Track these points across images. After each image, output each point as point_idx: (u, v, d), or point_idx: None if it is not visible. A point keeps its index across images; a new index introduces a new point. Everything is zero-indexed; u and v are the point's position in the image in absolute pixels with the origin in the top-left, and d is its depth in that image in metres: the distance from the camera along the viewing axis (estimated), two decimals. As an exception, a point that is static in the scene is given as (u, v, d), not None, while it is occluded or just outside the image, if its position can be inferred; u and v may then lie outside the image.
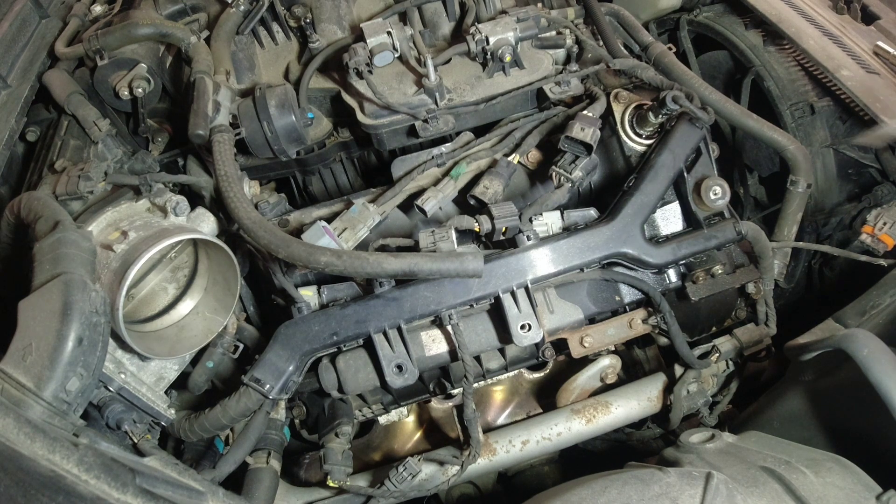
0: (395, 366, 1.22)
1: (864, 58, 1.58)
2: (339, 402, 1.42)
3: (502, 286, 1.22)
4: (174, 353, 1.24)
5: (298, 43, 1.64)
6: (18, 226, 1.19)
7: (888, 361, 0.93)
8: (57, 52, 1.60)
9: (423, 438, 1.63)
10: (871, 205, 1.50)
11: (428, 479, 1.40)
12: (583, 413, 1.46)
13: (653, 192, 1.24)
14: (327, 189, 1.71)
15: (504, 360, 1.39)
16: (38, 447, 0.74)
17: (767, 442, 1.15)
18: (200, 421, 1.24)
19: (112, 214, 1.26)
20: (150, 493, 0.78)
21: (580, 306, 1.30)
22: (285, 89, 1.41)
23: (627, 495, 0.91)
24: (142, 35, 1.50)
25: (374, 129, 1.43)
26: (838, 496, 0.92)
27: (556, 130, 1.40)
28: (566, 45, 1.52)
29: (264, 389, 1.21)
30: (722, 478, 0.92)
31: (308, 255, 1.10)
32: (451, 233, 1.19)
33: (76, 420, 0.93)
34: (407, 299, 1.22)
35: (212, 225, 1.35)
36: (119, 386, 1.13)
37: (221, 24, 1.56)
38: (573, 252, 1.23)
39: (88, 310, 0.97)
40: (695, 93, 1.33)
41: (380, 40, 1.40)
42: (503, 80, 1.45)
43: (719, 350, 1.41)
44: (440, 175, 1.39)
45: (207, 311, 1.29)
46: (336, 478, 1.32)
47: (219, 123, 1.35)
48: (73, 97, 1.46)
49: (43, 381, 0.89)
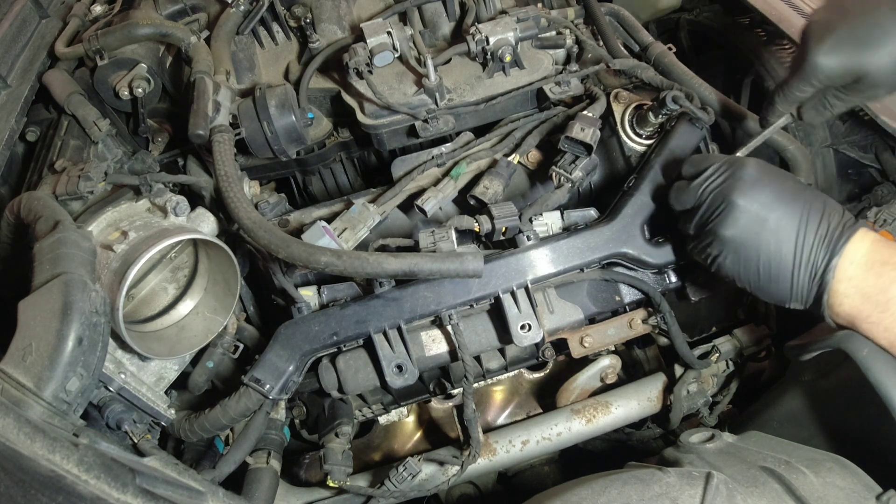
0: (395, 366, 1.22)
1: (864, 58, 1.58)
2: (339, 402, 1.42)
3: (502, 286, 1.22)
4: (174, 353, 1.24)
5: (298, 43, 1.64)
6: (18, 226, 1.19)
7: (888, 361, 0.93)
8: (57, 52, 1.60)
9: (423, 438, 1.63)
10: (870, 204, 1.50)
11: (428, 479, 1.40)
12: (583, 413, 1.47)
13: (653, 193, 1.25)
14: (327, 189, 1.71)
15: (504, 360, 1.39)
16: (38, 447, 0.74)
17: (767, 442, 1.15)
18: (200, 421, 1.24)
19: (112, 214, 1.26)
20: (150, 493, 0.78)
21: (580, 306, 1.30)
22: (285, 89, 1.41)
23: (627, 495, 0.91)
24: (142, 35, 1.50)
25: (374, 129, 1.43)
26: (838, 496, 0.92)
27: (556, 130, 1.40)
28: (566, 45, 1.52)
29: (264, 389, 1.21)
30: (722, 478, 0.92)
31: (308, 255, 1.10)
32: (451, 233, 1.19)
33: (76, 420, 0.93)
34: (407, 299, 1.22)
35: (212, 225, 1.35)
36: (119, 386, 1.13)
37: (221, 24, 1.56)
38: (573, 252, 1.23)
39: (88, 310, 0.97)
40: (695, 93, 1.33)
41: (380, 40, 1.40)
42: (503, 80, 1.45)
43: (719, 350, 1.41)
44: (440, 175, 1.39)
45: (207, 311, 1.29)
46: (336, 478, 1.32)
47: (219, 123, 1.35)
48: (73, 97, 1.46)
49: (43, 381, 0.89)
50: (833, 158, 1.60)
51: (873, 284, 0.94)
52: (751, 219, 1.02)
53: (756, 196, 1.02)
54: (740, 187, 1.02)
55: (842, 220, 0.99)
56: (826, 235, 0.98)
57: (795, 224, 1.00)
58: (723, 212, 1.04)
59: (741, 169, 1.04)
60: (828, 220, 0.99)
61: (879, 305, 0.94)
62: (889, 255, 0.95)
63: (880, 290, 0.94)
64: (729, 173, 1.05)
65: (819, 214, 1.00)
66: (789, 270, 1.01)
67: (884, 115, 1.43)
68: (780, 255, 1.01)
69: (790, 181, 1.04)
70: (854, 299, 0.96)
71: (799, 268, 1.00)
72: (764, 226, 1.01)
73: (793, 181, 1.05)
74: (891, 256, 0.95)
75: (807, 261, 1.00)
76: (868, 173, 1.59)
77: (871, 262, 0.95)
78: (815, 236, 0.99)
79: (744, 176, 1.03)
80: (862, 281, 0.95)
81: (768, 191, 1.02)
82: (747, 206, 1.01)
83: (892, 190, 1.51)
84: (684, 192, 1.11)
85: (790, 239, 1.00)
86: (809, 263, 1.00)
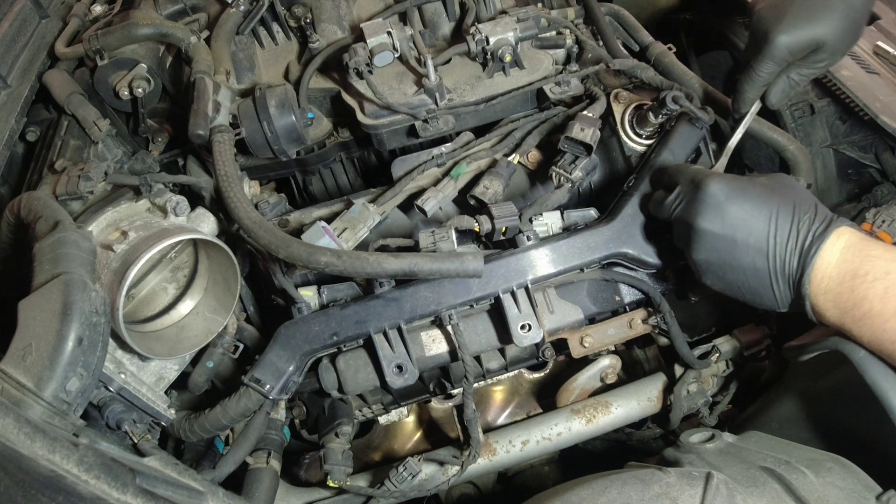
0: (395, 366, 1.22)
1: (864, 57, 1.58)
2: (339, 402, 1.42)
3: (502, 286, 1.22)
4: (174, 353, 1.24)
5: (298, 43, 1.64)
6: (18, 226, 1.19)
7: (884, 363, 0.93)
8: (57, 52, 1.60)
9: (423, 438, 1.63)
10: (870, 204, 1.51)
11: (428, 479, 1.40)
12: (583, 413, 1.46)
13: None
14: (327, 189, 1.71)
15: (504, 360, 1.39)
16: (38, 447, 0.74)
17: (767, 442, 1.15)
18: (200, 421, 1.24)
19: (112, 214, 1.26)
20: (150, 493, 0.78)
21: (580, 306, 1.30)
22: (285, 89, 1.41)
23: (627, 495, 0.91)
24: (142, 35, 1.50)
25: (374, 129, 1.43)
26: (838, 496, 0.92)
27: (556, 130, 1.40)
28: (566, 45, 1.51)
29: (264, 390, 1.21)
30: (722, 478, 0.92)
31: (308, 255, 1.10)
32: (451, 233, 1.19)
33: (76, 420, 0.93)
34: (407, 299, 1.22)
35: (212, 225, 1.35)
36: (119, 386, 1.13)
37: (221, 24, 1.56)
38: (573, 252, 1.24)
39: (88, 310, 0.97)
40: (695, 93, 1.33)
41: (380, 40, 1.40)
42: (503, 80, 1.45)
43: (719, 350, 1.41)
44: (440, 175, 1.39)
45: (207, 311, 1.29)
46: (336, 478, 1.32)
47: (219, 123, 1.35)
48: (73, 97, 1.46)
49: (43, 381, 0.89)
50: (833, 158, 1.60)
51: (847, 300, 0.93)
52: (718, 240, 1.03)
53: (719, 218, 1.02)
54: (703, 211, 1.04)
55: (811, 227, 0.98)
56: (797, 244, 0.98)
57: (765, 237, 1.00)
58: (690, 236, 1.07)
59: (702, 191, 1.04)
60: (797, 227, 0.98)
61: (856, 321, 0.93)
62: (859, 265, 0.93)
63: (853, 305, 0.93)
64: (690, 196, 1.07)
65: (788, 223, 0.99)
66: (768, 284, 1.02)
67: (884, 115, 1.43)
68: (755, 269, 1.01)
69: (756, 189, 1.03)
70: (833, 312, 0.96)
71: (777, 280, 1.01)
72: (734, 245, 1.02)
73: (759, 188, 1.03)
74: (861, 265, 0.93)
75: (782, 272, 1.00)
76: (868, 173, 1.59)
77: (842, 276, 0.94)
78: (785, 248, 0.99)
79: (705, 199, 1.04)
80: (837, 296, 0.95)
81: (733, 209, 1.02)
82: (712, 230, 1.03)
83: (892, 190, 1.51)
84: (660, 206, 1.14)
85: (762, 252, 1.00)
86: (785, 275, 1.00)
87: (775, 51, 1.10)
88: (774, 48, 1.10)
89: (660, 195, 1.15)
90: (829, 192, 1.60)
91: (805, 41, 1.08)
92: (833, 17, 1.06)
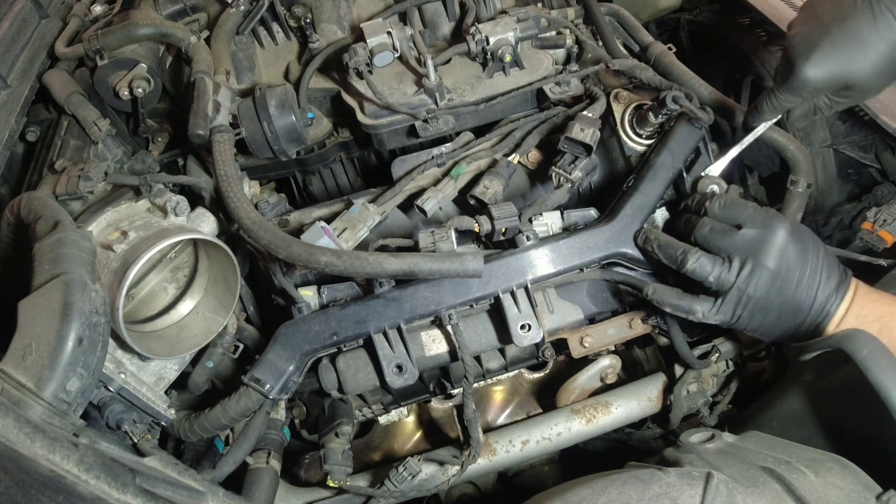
0: (395, 366, 1.22)
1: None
2: (339, 402, 1.42)
3: (502, 286, 1.22)
4: (174, 353, 1.24)
5: (298, 43, 1.64)
6: (18, 226, 1.19)
7: (887, 362, 0.93)
8: (57, 52, 1.60)
9: (423, 438, 1.63)
10: (870, 204, 1.51)
11: (428, 479, 1.40)
12: (583, 413, 1.46)
13: (652, 192, 1.25)
14: (327, 189, 1.71)
15: (504, 360, 1.39)
16: (38, 447, 0.74)
17: (767, 442, 1.14)
18: (200, 421, 1.24)
19: (112, 214, 1.26)
20: (150, 493, 0.78)
21: (580, 306, 1.30)
22: (285, 89, 1.41)
23: (627, 495, 0.91)
24: (142, 35, 1.50)
25: (374, 129, 1.43)
26: (838, 496, 0.92)
27: (556, 130, 1.40)
28: (566, 45, 1.51)
29: (264, 389, 1.21)
30: (722, 478, 0.92)
31: (308, 255, 1.10)
32: (451, 233, 1.19)
33: (76, 420, 0.93)
34: (407, 299, 1.22)
35: (212, 225, 1.35)
36: (119, 386, 1.13)
37: (221, 24, 1.56)
38: (573, 252, 1.24)
39: (88, 310, 0.97)
40: (694, 93, 1.33)
41: (380, 40, 1.40)
42: (503, 80, 1.45)
43: (719, 350, 1.41)
44: (440, 175, 1.39)
45: (207, 311, 1.29)
46: (336, 478, 1.32)
47: (219, 123, 1.35)
48: (73, 97, 1.46)
49: (43, 381, 0.89)
50: (833, 158, 1.60)
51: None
52: (777, 279, 1.08)
53: (785, 259, 1.07)
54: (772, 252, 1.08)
55: (838, 282, 1.09)
56: (826, 297, 1.08)
57: (814, 281, 1.07)
58: (751, 272, 1.09)
59: (773, 232, 1.08)
60: (827, 279, 1.08)
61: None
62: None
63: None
64: (760, 235, 1.09)
65: (828, 272, 1.08)
66: (797, 324, 1.10)
67: (884, 115, 1.43)
68: (794, 309, 1.09)
69: (809, 238, 1.10)
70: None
71: (804, 322, 1.10)
72: (788, 284, 1.08)
73: (811, 239, 1.10)
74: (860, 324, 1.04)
75: (812, 319, 1.09)
76: (868, 173, 1.60)
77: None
78: (823, 295, 1.07)
79: (776, 241, 1.08)
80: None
81: (793, 250, 1.08)
82: (777, 270, 1.07)
83: (892, 190, 1.52)
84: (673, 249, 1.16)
85: (808, 297, 1.08)
86: (814, 322, 1.09)
87: (799, 85, 1.04)
88: (799, 82, 1.04)
89: (670, 240, 1.18)
90: (829, 192, 1.60)
91: (834, 80, 1.01)
92: (868, 55, 0.97)
